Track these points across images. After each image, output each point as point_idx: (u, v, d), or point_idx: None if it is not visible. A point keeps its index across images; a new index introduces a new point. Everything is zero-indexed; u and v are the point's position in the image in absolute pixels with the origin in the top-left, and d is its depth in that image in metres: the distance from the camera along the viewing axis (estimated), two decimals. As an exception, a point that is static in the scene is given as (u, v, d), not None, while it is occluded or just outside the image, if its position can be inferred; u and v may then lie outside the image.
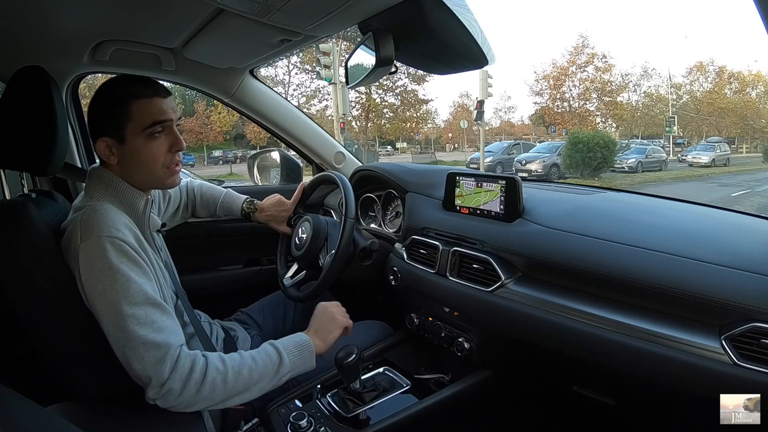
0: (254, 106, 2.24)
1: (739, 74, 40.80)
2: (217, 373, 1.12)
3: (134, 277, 1.12)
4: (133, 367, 1.08)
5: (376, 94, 34.17)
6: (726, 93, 40.39)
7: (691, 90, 41.85)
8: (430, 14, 1.20)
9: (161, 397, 1.08)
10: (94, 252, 1.11)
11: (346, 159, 2.44)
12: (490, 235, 1.44)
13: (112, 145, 1.24)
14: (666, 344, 1.02)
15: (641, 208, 1.54)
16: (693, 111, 40.50)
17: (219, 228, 2.15)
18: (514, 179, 1.44)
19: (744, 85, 40.74)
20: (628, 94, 40.45)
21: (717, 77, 40.65)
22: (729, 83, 40.83)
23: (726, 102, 39.46)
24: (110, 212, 1.18)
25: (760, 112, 40.03)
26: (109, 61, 1.80)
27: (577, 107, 37.82)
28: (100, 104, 1.25)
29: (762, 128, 39.61)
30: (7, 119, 1.25)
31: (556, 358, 1.27)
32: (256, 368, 1.18)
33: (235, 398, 1.16)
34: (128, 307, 1.08)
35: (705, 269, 1.04)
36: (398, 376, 1.58)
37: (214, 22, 1.46)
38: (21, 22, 1.43)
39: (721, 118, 39.68)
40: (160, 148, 1.27)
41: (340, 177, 1.73)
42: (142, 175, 1.28)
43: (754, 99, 40.66)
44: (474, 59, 1.34)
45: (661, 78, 43.29)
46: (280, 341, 1.27)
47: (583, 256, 1.22)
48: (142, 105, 1.23)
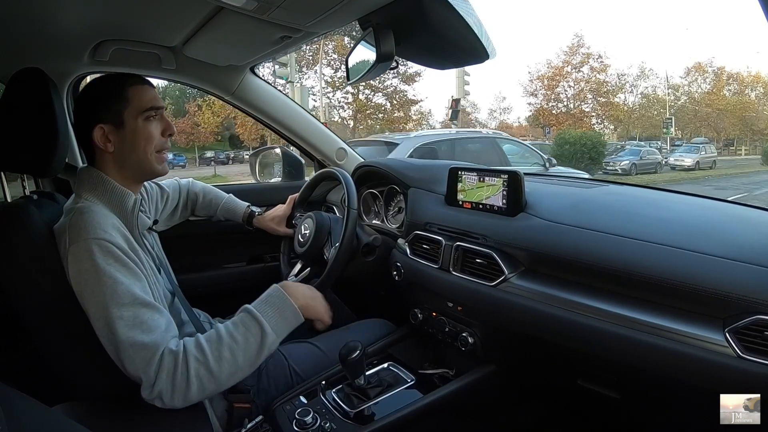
0: (255, 104, 2.24)
1: (738, 75, 40.85)
2: (199, 364, 1.11)
3: (121, 278, 1.12)
4: (126, 368, 1.10)
5: (363, 94, 33.90)
6: (725, 94, 40.33)
7: (690, 91, 41.85)
8: (430, 9, 1.20)
9: (155, 398, 1.09)
10: (81, 255, 1.12)
11: (348, 155, 2.45)
12: (493, 229, 1.44)
13: (109, 131, 1.26)
14: (670, 337, 1.02)
15: (645, 201, 1.53)
16: (691, 112, 40.63)
17: (222, 225, 2.16)
18: (516, 173, 1.44)
19: (743, 86, 40.84)
20: (624, 95, 40.54)
21: (716, 78, 40.59)
22: (728, 84, 40.86)
23: (725, 103, 39.36)
24: (97, 214, 1.19)
25: (759, 114, 40.08)
26: (110, 61, 1.80)
27: (573, 108, 37.67)
28: (96, 93, 1.30)
29: (761, 130, 39.77)
30: (7, 121, 1.25)
31: (560, 352, 1.27)
32: (237, 347, 1.15)
33: (230, 380, 1.16)
34: (116, 308, 1.09)
35: (709, 262, 1.04)
36: (403, 371, 1.58)
37: (214, 20, 1.47)
38: (21, 22, 1.43)
39: (720, 120, 39.83)
40: (155, 131, 1.32)
41: (342, 173, 1.73)
42: (137, 159, 1.31)
43: (753, 100, 40.69)
44: (475, 53, 1.34)
45: (658, 78, 43.34)
46: (258, 308, 1.22)
47: (586, 250, 1.22)
48: (138, 90, 1.29)
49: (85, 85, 1.31)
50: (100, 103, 1.27)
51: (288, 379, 1.54)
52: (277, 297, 1.26)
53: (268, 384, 1.50)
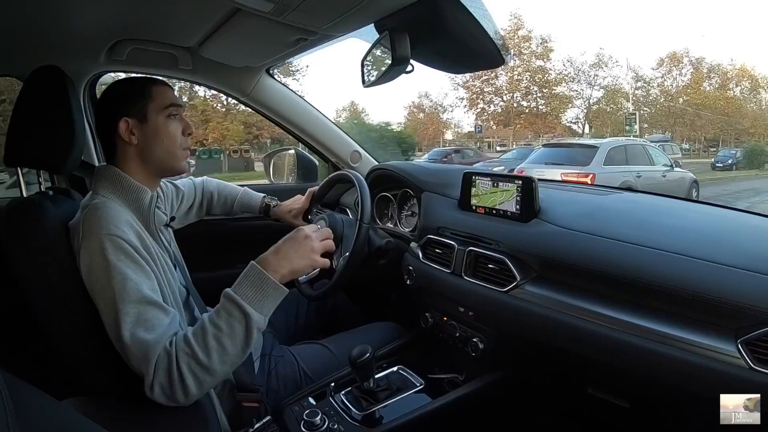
0: (270, 105, 2.25)
1: (720, 67, 37.32)
2: (189, 358, 1.09)
3: (131, 274, 1.13)
4: (131, 364, 1.10)
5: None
6: (705, 88, 37.08)
7: (662, 84, 38.08)
8: (446, 13, 1.20)
9: (157, 395, 1.09)
10: (94, 250, 1.13)
11: (362, 158, 2.45)
12: (506, 235, 1.43)
13: (133, 125, 1.30)
14: (681, 347, 1.01)
15: (657, 209, 1.53)
16: (665, 108, 36.94)
17: (235, 226, 2.16)
18: (530, 179, 1.44)
19: (726, 80, 37.43)
20: (578, 86, 36.49)
21: (694, 70, 37.10)
22: (708, 77, 37.51)
23: (703, 98, 36.05)
24: (111, 210, 1.20)
25: (743, 111, 36.69)
26: (127, 61, 1.82)
27: (514, 103, 35.12)
28: (122, 89, 1.34)
29: (746, 129, 36.45)
30: (24, 118, 1.27)
31: (570, 359, 1.27)
32: (222, 334, 1.12)
33: (224, 368, 1.14)
34: (123, 304, 1.10)
35: (721, 271, 1.03)
36: (412, 375, 1.58)
37: (231, 21, 1.47)
38: (39, 21, 1.45)
39: (698, 117, 36.24)
40: (177, 129, 1.36)
41: (357, 177, 1.72)
42: (161, 153, 1.34)
43: (738, 96, 37.39)
44: (490, 58, 1.34)
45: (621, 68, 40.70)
46: (237, 291, 1.18)
47: (598, 257, 1.21)
48: (160, 89, 1.34)
49: (110, 84, 1.35)
50: (126, 98, 1.31)
51: (297, 380, 1.54)
52: (255, 275, 1.21)
53: (277, 384, 1.51)
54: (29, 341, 1.49)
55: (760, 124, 36.62)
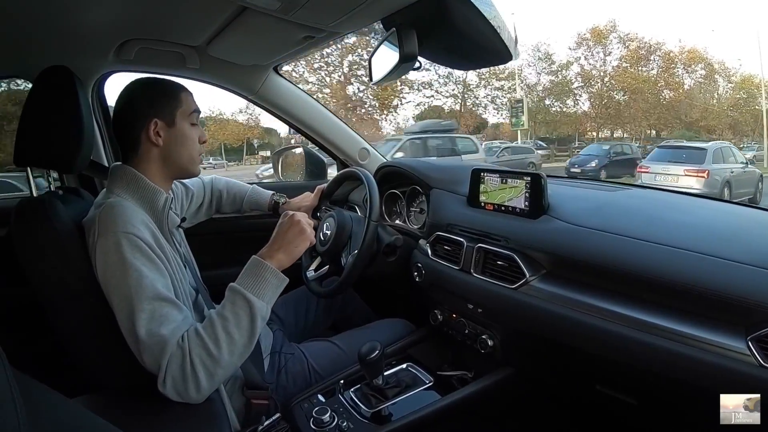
0: (278, 103, 2.25)
1: (661, 46, 31.25)
2: (201, 349, 1.11)
3: (146, 272, 1.14)
4: (144, 360, 1.11)
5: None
6: (643, 71, 31.33)
7: (583, 66, 32.03)
8: (453, 9, 1.19)
9: (169, 389, 1.10)
10: (109, 247, 1.14)
11: (371, 155, 2.44)
12: (515, 231, 1.43)
13: (161, 127, 1.33)
14: (691, 344, 1.01)
15: (667, 205, 1.51)
16: (595, 98, 31.25)
17: (244, 224, 2.16)
18: (539, 175, 1.43)
19: (669, 63, 31.52)
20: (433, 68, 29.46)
21: (624, 48, 31.34)
22: (646, 59, 31.48)
23: (639, 81, 30.23)
24: (127, 209, 1.21)
25: (692, 100, 30.89)
26: (135, 60, 1.82)
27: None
28: (153, 88, 1.37)
29: (695, 121, 31.22)
30: (33, 118, 1.28)
31: (579, 356, 1.26)
32: (229, 324, 1.15)
33: (232, 359, 1.15)
34: (139, 301, 1.11)
35: (731, 268, 1.02)
36: (421, 372, 1.58)
37: (238, 19, 1.47)
38: (47, 21, 1.46)
39: (631, 107, 30.75)
40: (196, 135, 1.40)
41: (366, 174, 1.73)
42: (184, 156, 1.38)
43: (684, 82, 31.72)
44: (498, 54, 1.33)
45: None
46: (239, 282, 1.23)
47: (608, 254, 1.20)
48: (187, 95, 1.39)
49: (141, 84, 1.37)
50: (160, 98, 1.34)
51: (307, 377, 1.55)
52: (253, 265, 1.26)
53: (287, 381, 1.52)
54: (39, 339, 1.51)
55: (711, 116, 31.49)
